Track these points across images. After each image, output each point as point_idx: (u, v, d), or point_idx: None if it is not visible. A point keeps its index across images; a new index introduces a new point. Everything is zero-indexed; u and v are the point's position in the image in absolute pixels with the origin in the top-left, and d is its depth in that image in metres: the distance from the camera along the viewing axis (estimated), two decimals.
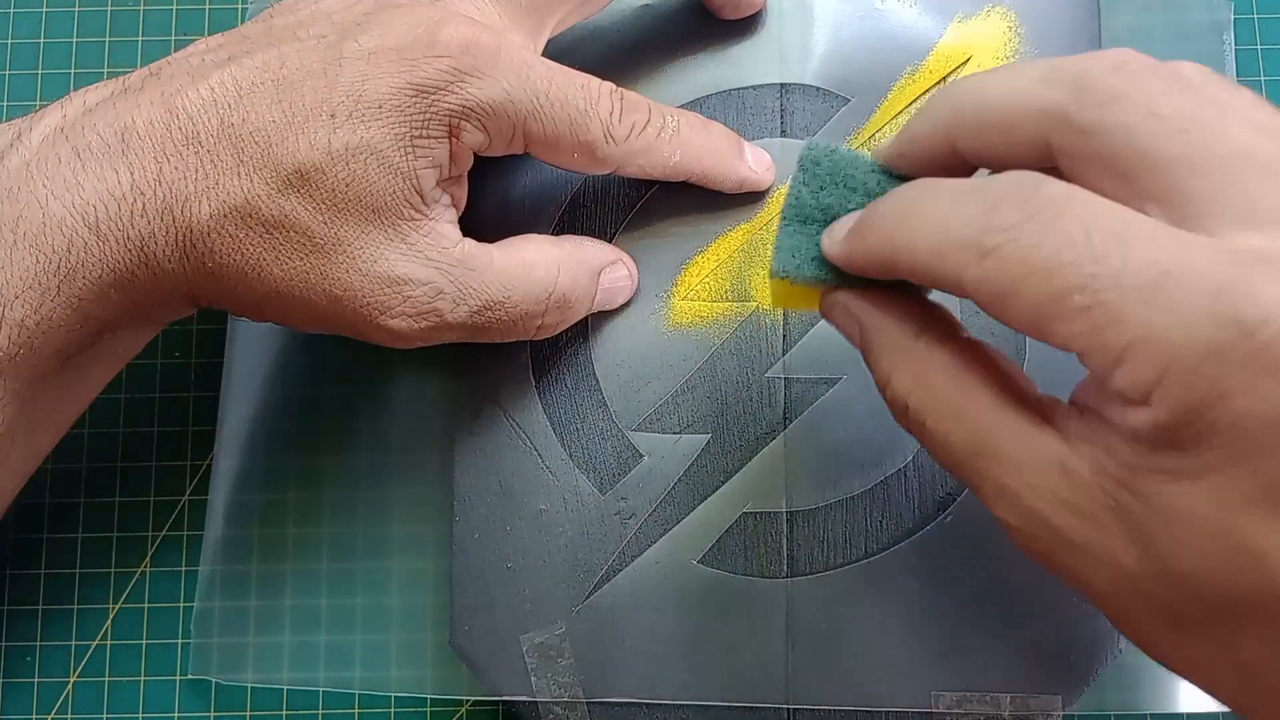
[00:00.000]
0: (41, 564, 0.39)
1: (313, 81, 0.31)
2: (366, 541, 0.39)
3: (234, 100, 0.31)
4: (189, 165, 0.30)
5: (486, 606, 0.37)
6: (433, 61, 0.31)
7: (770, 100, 0.39)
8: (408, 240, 0.32)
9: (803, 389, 0.37)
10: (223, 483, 0.39)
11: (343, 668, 0.38)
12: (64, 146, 0.30)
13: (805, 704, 0.36)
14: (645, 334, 0.38)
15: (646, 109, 0.35)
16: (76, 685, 0.39)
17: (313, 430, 0.39)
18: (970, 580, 0.36)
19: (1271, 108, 0.25)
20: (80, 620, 0.39)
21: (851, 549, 0.36)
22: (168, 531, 0.40)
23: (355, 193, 0.31)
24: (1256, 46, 0.42)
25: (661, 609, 0.36)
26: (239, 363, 0.40)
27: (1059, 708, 0.35)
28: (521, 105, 0.32)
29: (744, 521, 0.37)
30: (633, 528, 0.37)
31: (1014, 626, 0.36)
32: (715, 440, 0.37)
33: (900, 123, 0.39)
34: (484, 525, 0.37)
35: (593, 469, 0.37)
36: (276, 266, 0.31)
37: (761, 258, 0.38)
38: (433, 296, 0.32)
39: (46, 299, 0.30)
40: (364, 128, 0.31)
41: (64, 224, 0.29)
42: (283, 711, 0.38)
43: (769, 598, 0.36)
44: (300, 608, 0.38)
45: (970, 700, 0.36)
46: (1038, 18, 0.39)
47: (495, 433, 0.38)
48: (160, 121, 0.30)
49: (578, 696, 0.36)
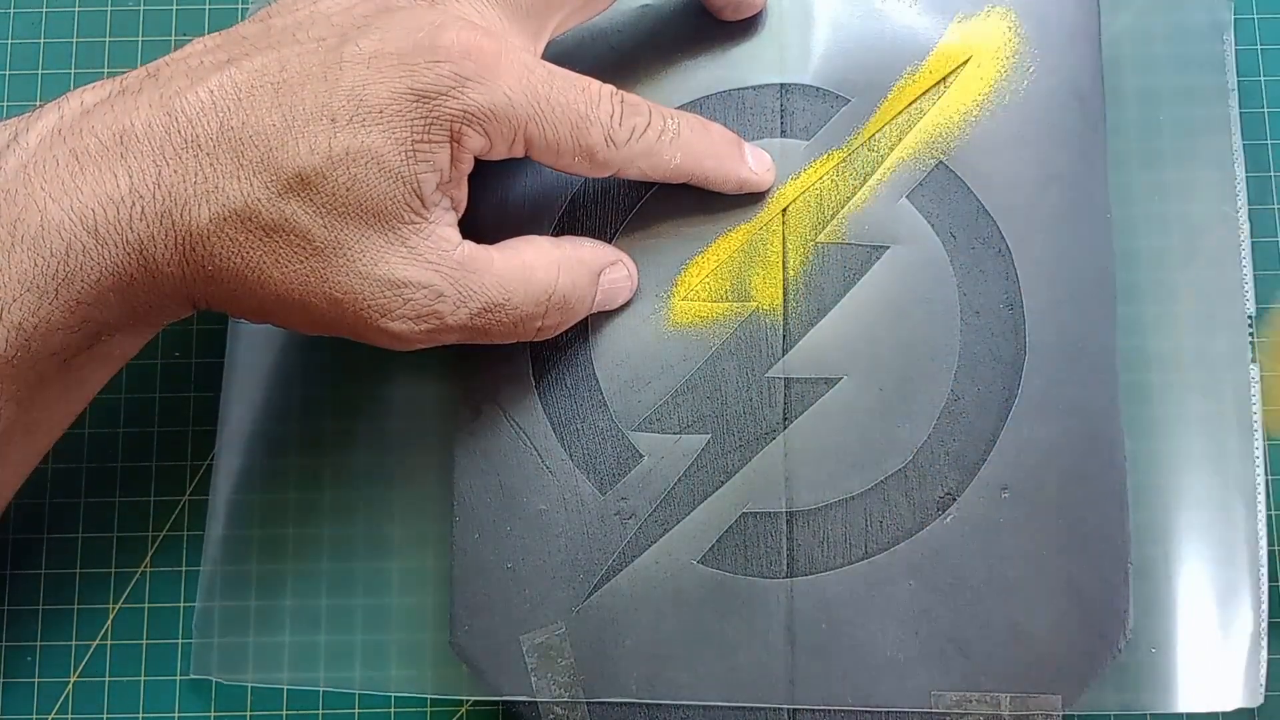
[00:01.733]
0: (41, 564, 0.39)
1: (313, 85, 0.31)
2: (366, 541, 0.39)
3: (233, 103, 0.30)
4: (188, 168, 0.30)
5: (486, 606, 0.37)
6: (434, 66, 0.31)
7: (770, 100, 0.39)
8: (408, 243, 0.32)
9: (803, 389, 0.37)
10: (223, 483, 0.39)
11: (343, 668, 0.38)
12: (62, 149, 0.30)
13: (805, 704, 0.36)
14: (645, 334, 0.38)
15: (647, 112, 0.35)
16: (76, 685, 0.39)
17: (313, 430, 0.39)
18: (970, 580, 0.36)
19: None
20: (80, 620, 0.39)
21: (851, 549, 0.36)
22: (168, 531, 0.40)
23: (355, 197, 0.31)
24: (1256, 46, 0.42)
25: (661, 609, 0.36)
26: (239, 363, 0.40)
27: (1059, 708, 0.35)
28: (522, 110, 0.32)
29: (744, 521, 0.37)
30: (633, 528, 0.37)
31: (1014, 626, 0.36)
32: (715, 440, 0.37)
33: (900, 123, 0.39)
34: (484, 525, 0.37)
35: (593, 469, 0.37)
36: (276, 270, 0.31)
37: (761, 258, 0.38)
38: (433, 299, 0.32)
39: (45, 301, 0.29)
40: (364, 132, 0.31)
41: (63, 227, 0.29)
42: (283, 711, 0.39)
43: (769, 598, 0.36)
44: (300, 608, 0.38)
45: (970, 700, 0.36)
46: (1038, 18, 0.39)
47: (495, 433, 0.38)
48: (159, 124, 0.30)
49: (578, 696, 0.36)
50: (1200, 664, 0.37)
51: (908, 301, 0.38)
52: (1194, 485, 0.38)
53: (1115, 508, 0.36)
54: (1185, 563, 0.38)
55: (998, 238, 0.38)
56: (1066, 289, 0.37)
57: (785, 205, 0.38)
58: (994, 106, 0.39)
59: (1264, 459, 0.38)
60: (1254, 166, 0.41)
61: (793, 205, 0.38)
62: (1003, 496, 0.36)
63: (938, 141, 0.38)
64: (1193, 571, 0.37)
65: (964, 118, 0.39)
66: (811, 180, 0.38)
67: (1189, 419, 0.39)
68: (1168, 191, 0.40)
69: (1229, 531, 0.38)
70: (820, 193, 0.38)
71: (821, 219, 0.38)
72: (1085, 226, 0.38)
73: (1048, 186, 0.38)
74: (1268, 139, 0.42)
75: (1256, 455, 0.38)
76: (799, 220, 0.38)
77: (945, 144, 0.38)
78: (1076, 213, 0.38)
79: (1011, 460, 0.37)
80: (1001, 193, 0.38)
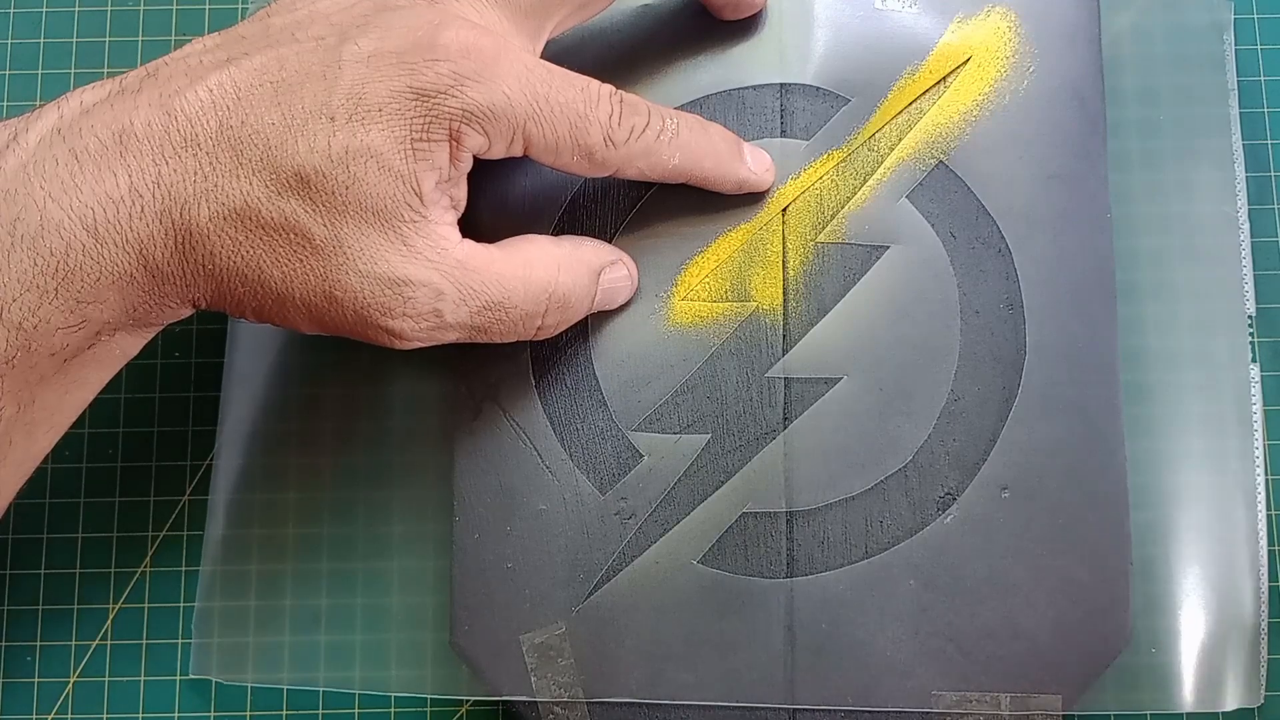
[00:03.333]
0: (41, 564, 0.39)
1: (312, 84, 0.31)
2: (366, 541, 0.39)
3: (232, 102, 0.30)
4: (187, 167, 0.30)
5: (486, 606, 0.37)
6: (433, 65, 0.31)
7: (770, 100, 0.39)
8: (408, 242, 0.32)
9: (803, 389, 0.37)
10: (223, 483, 0.39)
11: (343, 668, 0.38)
12: (61, 148, 0.30)
13: (805, 704, 0.36)
14: (645, 334, 0.38)
15: (646, 112, 0.35)
16: (76, 685, 0.39)
17: (313, 430, 0.39)
18: (970, 580, 0.36)
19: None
20: (80, 620, 0.39)
21: (851, 549, 0.36)
22: (168, 531, 0.40)
23: (355, 195, 0.31)
24: (1256, 46, 0.42)
25: (661, 609, 0.36)
26: (239, 363, 0.40)
27: (1059, 708, 0.35)
28: (521, 109, 0.32)
29: (744, 522, 0.37)
30: (633, 528, 0.37)
31: (1014, 626, 0.36)
32: (715, 440, 0.37)
33: (900, 123, 0.39)
34: (484, 525, 0.37)
35: (593, 469, 0.37)
36: (276, 268, 0.31)
37: (761, 258, 0.38)
38: (433, 297, 0.32)
39: (44, 301, 0.29)
40: (364, 131, 0.31)
41: (62, 227, 0.29)
42: (283, 711, 0.39)
43: (769, 598, 0.36)
44: (300, 608, 0.38)
45: (970, 700, 0.36)
46: (1038, 18, 0.39)
47: (495, 433, 0.38)
48: (158, 124, 0.30)
49: (578, 696, 0.36)
50: (1200, 664, 0.37)
51: (908, 301, 0.38)
52: (1194, 485, 0.38)
53: (1115, 508, 0.36)
54: (1185, 563, 0.38)
55: (998, 238, 0.38)
56: (1066, 289, 0.37)
57: (785, 205, 0.38)
58: (994, 106, 0.39)
59: (1264, 459, 0.38)
60: (1254, 166, 0.41)
61: (793, 205, 0.38)
62: (1003, 496, 0.36)
63: (938, 141, 0.38)
64: (1193, 571, 0.37)
65: (964, 118, 0.39)
66: (811, 180, 0.38)
67: (1189, 419, 0.39)
68: (1168, 191, 0.40)
69: (1229, 531, 0.38)
70: (820, 193, 0.38)
71: (821, 219, 0.38)
72: (1085, 226, 0.38)
73: (1048, 186, 0.38)
74: (1268, 139, 0.42)
75: (1256, 455, 0.38)
76: (799, 220, 0.38)
77: (945, 144, 0.38)
78: (1076, 213, 0.38)
79: (1011, 460, 0.37)
80: (1001, 193, 0.38)
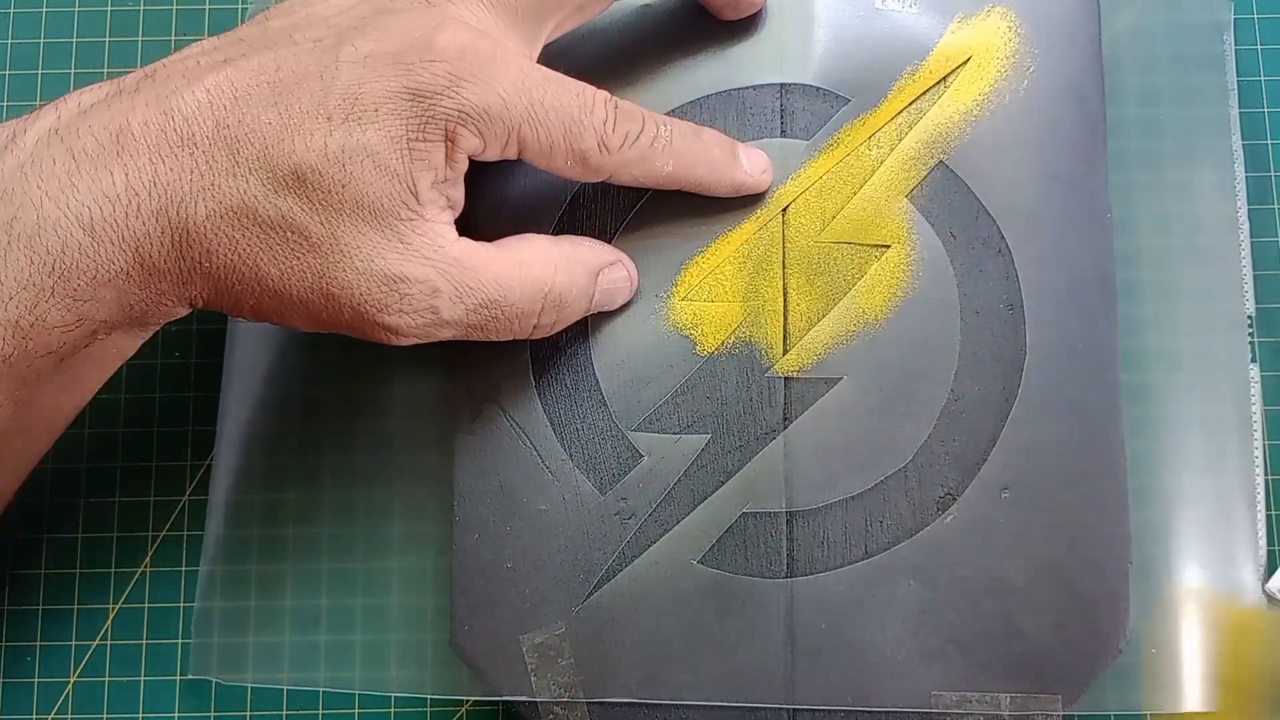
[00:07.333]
0: (41, 564, 0.39)
1: (309, 85, 0.31)
2: (366, 541, 0.39)
3: (229, 102, 0.31)
4: (184, 166, 0.30)
5: (486, 606, 0.37)
6: (429, 66, 0.31)
7: (770, 100, 0.39)
8: (404, 239, 0.32)
9: (803, 389, 0.37)
10: (223, 483, 0.39)
11: (343, 668, 0.38)
12: (59, 148, 0.30)
13: (805, 704, 0.36)
14: (645, 334, 0.38)
15: (640, 118, 0.35)
16: (76, 685, 0.39)
17: (313, 430, 0.39)
18: (970, 580, 0.36)
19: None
20: (80, 620, 0.39)
21: (851, 549, 0.36)
22: (168, 531, 0.40)
23: (351, 194, 0.31)
24: (1256, 46, 0.42)
25: (661, 609, 0.36)
26: (239, 363, 0.40)
27: (1059, 708, 0.35)
28: (516, 112, 0.32)
29: (744, 522, 0.37)
30: (633, 528, 0.37)
31: (1014, 626, 0.36)
32: (715, 440, 0.37)
33: (900, 123, 0.39)
34: (484, 525, 0.37)
35: (593, 469, 0.37)
36: (273, 266, 0.31)
37: (761, 258, 0.38)
38: (429, 294, 0.32)
39: (41, 300, 0.30)
40: (360, 130, 0.31)
41: (59, 225, 0.29)
42: (283, 711, 0.39)
43: (769, 598, 0.36)
44: (300, 608, 0.38)
45: (970, 700, 0.36)
46: (1038, 18, 0.39)
47: (495, 433, 0.38)
48: (155, 123, 0.30)
49: (578, 696, 0.36)
50: (1200, 664, 0.37)
51: (908, 301, 0.38)
52: (1194, 485, 0.38)
53: (1115, 508, 0.36)
54: (1185, 563, 0.38)
55: (998, 238, 0.38)
56: (1066, 289, 0.37)
57: (785, 205, 0.38)
58: (994, 106, 0.39)
59: (1264, 459, 0.38)
60: (1254, 166, 0.41)
61: (793, 205, 0.38)
62: (1003, 496, 0.36)
63: (938, 141, 0.38)
64: (1193, 571, 0.37)
65: (964, 118, 0.39)
66: (811, 180, 0.38)
67: (1189, 419, 0.39)
68: (1168, 191, 0.40)
69: (1229, 531, 0.38)
70: (820, 193, 0.38)
71: (821, 219, 0.38)
72: (1085, 226, 0.38)
73: (1048, 186, 0.38)
74: (1268, 139, 0.42)
75: (1256, 455, 0.38)
76: (799, 220, 0.38)
77: (945, 144, 0.38)
78: (1076, 213, 0.38)
79: (1012, 460, 0.37)
80: (1001, 193, 0.38)
